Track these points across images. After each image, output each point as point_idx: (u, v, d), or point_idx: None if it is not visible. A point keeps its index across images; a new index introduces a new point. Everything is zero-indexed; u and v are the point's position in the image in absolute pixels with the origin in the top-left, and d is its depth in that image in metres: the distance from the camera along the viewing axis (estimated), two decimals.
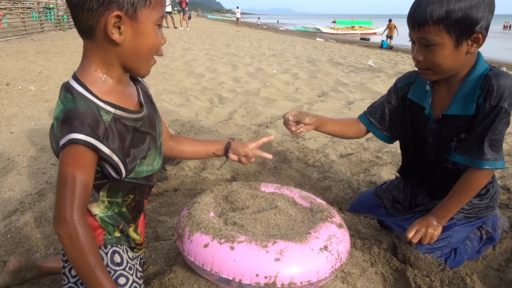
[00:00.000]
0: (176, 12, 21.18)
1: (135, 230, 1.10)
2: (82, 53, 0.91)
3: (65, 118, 0.83)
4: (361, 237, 1.58)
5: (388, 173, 2.30)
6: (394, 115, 1.58)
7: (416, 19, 1.22)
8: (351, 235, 1.45)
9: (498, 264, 1.50)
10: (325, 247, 1.11)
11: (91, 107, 0.85)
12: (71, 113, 0.83)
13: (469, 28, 1.18)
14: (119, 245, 1.02)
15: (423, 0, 1.21)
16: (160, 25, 0.92)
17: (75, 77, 0.89)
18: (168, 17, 17.25)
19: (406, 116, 1.55)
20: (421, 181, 1.59)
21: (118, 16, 0.83)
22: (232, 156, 1.34)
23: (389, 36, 17.18)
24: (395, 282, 1.40)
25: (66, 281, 1.02)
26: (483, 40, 1.22)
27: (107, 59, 0.89)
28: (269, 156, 1.40)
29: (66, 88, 0.87)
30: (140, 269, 1.09)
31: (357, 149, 2.77)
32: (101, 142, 0.85)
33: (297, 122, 1.51)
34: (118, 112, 0.90)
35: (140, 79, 1.09)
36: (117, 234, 1.02)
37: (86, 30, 0.85)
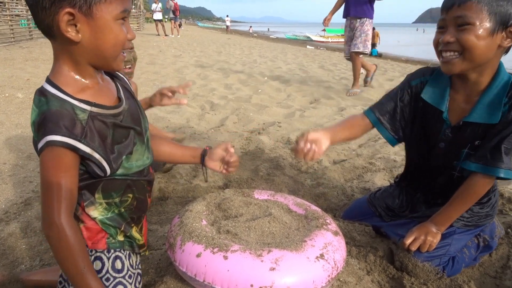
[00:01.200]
0: (167, 20, 21.19)
1: (140, 231, 1.08)
2: (53, 55, 0.89)
3: (41, 121, 0.81)
4: (356, 244, 1.55)
5: (381, 179, 2.29)
6: (405, 114, 1.48)
7: None
8: (346, 243, 1.43)
9: (494, 271, 1.49)
10: (321, 256, 1.08)
11: (65, 107, 0.83)
12: (46, 115, 0.81)
13: (507, 19, 1.17)
14: (122, 250, 0.99)
15: None
16: (124, 19, 0.88)
17: (48, 80, 0.87)
18: (159, 24, 17.24)
19: (417, 118, 1.46)
20: (420, 188, 1.55)
21: (70, 14, 0.80)
22: (211, 164, 1.26)
23: (373, 44, 17.70)
24: None
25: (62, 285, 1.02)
26: None
27: (74, 58, 0.86)
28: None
29: (40, 92, 0.85)
30: (140, 279, 1.05)
31: (350, 155, 2.76)
32: (79, 141, 0.83)
33: (308, 143, 1.33)
34: (94, 109, 0.88)
35: (120, 75, 1.06)
36: (121, 238, 0.99)
37: (46, 30, 0.84)
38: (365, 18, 4.73)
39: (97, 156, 0.87)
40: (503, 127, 1.24)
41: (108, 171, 0.91)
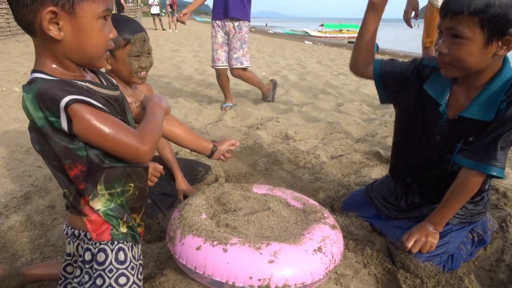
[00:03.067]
0: (164, 14, 21.08)
1: (141, 220, 1.10)
2: (35, 51, 0.89)
3: (44, 97, 0.81)
4: (353, 238, 1.57)
5: (379, 174, 2.31)
6: (403, 83, 1.48)
7: (451, 7, 1.18)
8: (343, 237, 1.44)
9: (489, 264, 1.51)
10: (319, 249, 1.10)
11: (59, 81, 0.84)
12: (44, 89, 0.81)
13: (503, 28, 1.14)
14: (125, 242, 1.01)
15: None
16: (105, 18, 0.88)
17: (34, 70, 0.87)
18: (156, 19, 17.14)
19: (417, 106, 1.47)
20: (415, 180, 1.57)
21: (53, 12, 0.80)
22: (215, 157, 1.39)
23: None
24: (388, 283, 1.39)
25: (63, 279, 1.04)
26: None
27: (56, 55, 0.87)
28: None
29: (28, 82, 0.85)
30: (141, 270, 1.07)
31: (348, 150, 2.78)
32: (91, 98, 0.84)
33: None
34: (89, 85, 0.89)
35: (99, 71, 1.05)
36: (124, 229, 1.00)
37: (27, 27, 0.83)
38: (244, 21, 3.72)
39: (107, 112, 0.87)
40: (499, 124, 1.24)
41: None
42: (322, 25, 33.58)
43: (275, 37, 20.71)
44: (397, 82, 1.50)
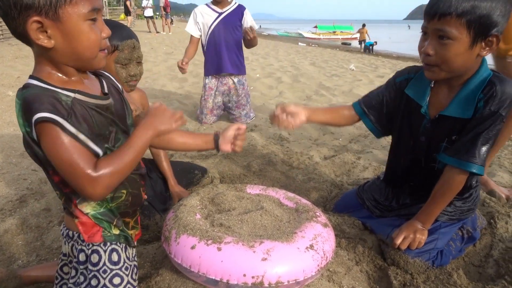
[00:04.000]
0: (158, 17, 21.05)
1: (135, 223, 1.11)
2: (34, 57, 0.90)
3: (26, 106, 0.81)
4: (345, 236, 1.60)
5: (371, 174, 2.34)
6: (389, 108, 1.56)
7: (439, 9, 1.20)
8: (336, 235, 1.47)
9: (479, 260, 1.55)
10: (311, 246, 1.13)
11: (47, 92, 0.84)
12: (29, 99, 0.81)
13: (487, 29, 1.18)
14: (118, 243, 1.02)
15: None
16: (94, 19, 0.86)
17: (30, 76, 0.88)
18: (150, 21, 17.11)
19: (401, 112, 1.52)
20: (406, 180, 1.60)
21: (38, 22, 0.80)
22: (224, 147, 1.25)
23: (361, 41, 18.34)
24: (379, 279, 1.42)
25: (59, 279, 1.06)
26: (496, 45, 1.22)
27: (53, 61, 0.87)
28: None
29: (23, 86, 0.87)
30: (136, 270, 1.09)
31: (340, 151, 2.81)
32: (66, 120, 0.82)
33: (285, 113, 1.44)
34: (78, 95, 0.88)
35: (105, 73, 1.06)
36: (116, 231, 1.02)
37: (21, 38, 0.85)
38: (243, 75, 3.46)
39: (82, 137, 0.85)
40: (478, 122, 1.28)
41: (98, 151, 0.88)
42: (316, 26, 33.68)
43: (269, 39, 20.75)
44: (383, 110, 1.57)
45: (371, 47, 16.80)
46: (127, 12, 16.68)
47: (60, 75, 0.89)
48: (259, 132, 3.20)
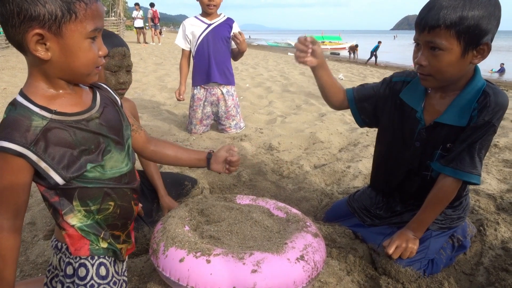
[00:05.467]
0: (147, 27, 21.09)
1: (127, 237, 1.08)
2: (27, 68, 0.91)
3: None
4: (336, 246, 1.59)
5: (361, 183, 2.35)
6: (379, 103, 1.57)
7: (427, 22, 1.22)
8: (327, 245, 1.46)
9: (470, 268, 1.55)
10: (302, 257, 1.12)
11: (24, 114, 0.85)
12: (3, 122, 0.84)
13: (477, 38, 1.20)
14: (107, 257, 1.00)
15: (437, 3, 1.21)
16: (94, 38, 0.88)
17: (20, 91, 0.89)
18: (140, 32, 17.13)
19: (395, 116, 1.53)
20: (396, 189, 1.60)
21: (39, 34, 0.81)
22: (215, 167, 1.26)
23: (350, 51, 20.53)
24: None
25: None
26: (488, 52, 1.24)
27: (45, 73, 0.88)
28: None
29: (11, 102, 0.87)
30: (125, 286, 1.06)
31: (331, 159, 2.82)
32: (28, 148, 0.83)
33: (311, 49, 1.53)
34: (55, 116, 0.88)
35: (103, 85, 1.06)
36: (104, 244, 0.99)
37: (17, 46, 0.85)
38: (231, 87, 3.40)
39: (43, 165, 0.86)
40: (472, 131, 1.30)
41: (59, 180, 0.89)
42: (305, 36, 34.03)
43: (259, 49, 20.91)
44: (373, 103, 1.59)
45: (374, 53, 17.63)
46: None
47: (47, 89, 0.89)
48: (249, 142, 3.19)
